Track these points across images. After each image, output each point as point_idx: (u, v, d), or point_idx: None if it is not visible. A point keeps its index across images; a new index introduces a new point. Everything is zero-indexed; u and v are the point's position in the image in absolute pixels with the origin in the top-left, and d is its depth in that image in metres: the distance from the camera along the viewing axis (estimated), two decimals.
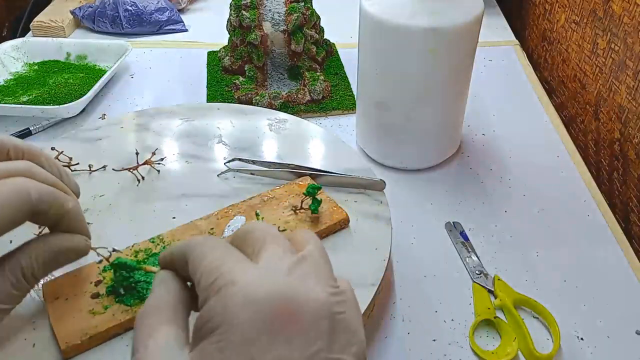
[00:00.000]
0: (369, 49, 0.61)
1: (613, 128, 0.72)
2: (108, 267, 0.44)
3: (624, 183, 0.69)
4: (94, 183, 0.54)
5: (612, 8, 0.72)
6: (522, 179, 0.67)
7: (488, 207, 0.63)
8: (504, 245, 0.58)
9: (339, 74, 0.85)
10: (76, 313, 0.40)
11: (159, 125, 0.62)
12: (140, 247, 0.46)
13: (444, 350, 0.48)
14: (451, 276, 0.55)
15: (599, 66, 0.76)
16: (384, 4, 0.58)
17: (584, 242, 0.59)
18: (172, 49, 0.95)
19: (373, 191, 0.54)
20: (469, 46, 0.61)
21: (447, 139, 0.68)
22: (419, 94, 0.61)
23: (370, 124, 0.67)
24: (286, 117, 0.63)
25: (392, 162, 0.68)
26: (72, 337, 0.39)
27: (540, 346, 0.48)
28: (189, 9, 1.08)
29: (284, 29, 0.79)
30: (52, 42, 0.89)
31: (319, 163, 0.57)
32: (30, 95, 0.79)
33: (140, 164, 0.56)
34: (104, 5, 0.97)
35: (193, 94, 0.83)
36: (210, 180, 0.55)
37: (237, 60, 0.84)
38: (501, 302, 0.51)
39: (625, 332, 0.51)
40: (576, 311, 0.52)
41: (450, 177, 0.68)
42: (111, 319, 0.40)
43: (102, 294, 0.42)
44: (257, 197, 0.51)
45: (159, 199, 0.53)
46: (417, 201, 0.64)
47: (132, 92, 0.83)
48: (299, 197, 0.50)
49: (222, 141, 0.60)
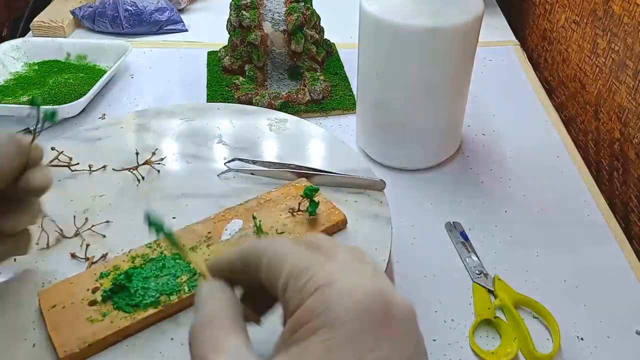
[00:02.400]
0: (369, 49, 0.61)
1: (613, 128, 0.72)
2: (105, 273, 0.43)
3: (624, 183, 0.69)
4: (94, 183, 0.54)
5: (612, 8, 0.72)
6: (522, 179, 0.67)
7: (488, 207, 0.63)
8: (504, 245, 0.58)
9: (339, 74, 0.85)
10: (74, 321, 0.40)
11: (159, 125, 0.62)
12: (137, 253, 0.45)
13: (444, 350, 0.48)
14: (451, 276, 0.55)
15: (599, 66, 0.76)
16: (384, 4, 0.58)
17: (584, 242, 0.59)
18: (172, 49, 0.95)
19: (373, 191, 0.54)
20: (469, 46, 0.61)
21: (447, 139, 0.68)
22: (419, 94, 0.61)
23: (370, 124, 0.67)
24: (286, 117, 0.63)
25: (392, 162, 0.68)
26: (70, 345, 0.38)
27: (540, 346, 0.48)
28: (189, 9, 1.08)
29: (284, 29, 0.79)
30: (52, 42, 0.89)
31: (319, 163, 0.57)
32: (30, 95, 0.79)
33: (140, 164, 0.56)
34: (104, 5, 0.97)
35: (193, 94, 0.83)
36: (210, 180, 0.55)
37: (237, 60, 0.84)
38: (501, 302, 0.51)
39: (625, 332, 0.51)
40: (576, 311, 0.52)
41: (450, 177, 0.68)
42: (110, 326, 0.40)
43: (100, 301, 0.41)
44: (254, 200, 0.51)
45: (159, 199, 0.53)
46: (417, 201, 0.64)
47: (132, 92, 0.83)
48: (295, 199, 0.50)
49: (222, 141, 0.60)
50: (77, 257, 0.47)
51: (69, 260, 0.47)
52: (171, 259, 0.44)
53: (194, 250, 0.46)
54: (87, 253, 0.47)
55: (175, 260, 0.44)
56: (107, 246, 0.48)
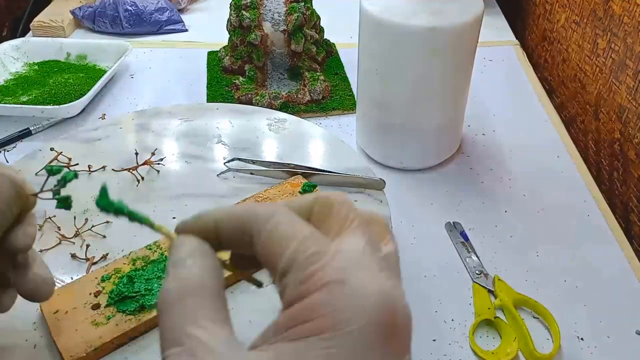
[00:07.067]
0: (369, 49, 0.61)
1: (613, 128, 0.72)
2: (107, 277, 0.43)
3: (624, 183, 0.69)
4: (93, 183, 0.54)
5: (612, 8, 0.72)
6: (522, 179, 0.67)
7: (488, 207, 0.63)
8: (504, 245, 0.58)
9: (339, 74, 0.85)
10: (78, 325, 0.40)
11: (159, 126, 0.62)
12: (138, 255, 0.45)
13: (444, 350, 0.48)
14: (451, 276, 0.55)
15: (599, 66, 0.76)
16: (384, 3, 0.58)
17: (584, 242, 0.59)
18: (172, 49, 0.95)
19: (373, 190, 0.54)
20: (469, 46, 0.61)
21: (447, 139, 0.68)
22: (419, 94, 0.61)
23: (370, 124, 0.67)
24: (286, 117, 0.63)
25: (392, 162, 0.68)
26: (76, 349, 0.38)
27: (540, 346, 0.48)
28: (189, 9, 1.08)
29: (284, 29, 0.79)
30: (52, 42, 0.89)
31: (319, 163, 0.57)
32: (30, 95, 0.79)
33: (139, 164, 0.56)
34: (104, 5, 0.97)
35: (193, 94, 0.83)
36: (210, 180, 0.55)
37: (237, 60, 0.84)
38: (501, 302, 0.51)
39: (625, 332, 0.50)
40: (576, 311, 0.52)
41: (450, 177, 0.68)
42: (115, 329, 0.40)
43: (103, 305, 0.41)
44: (251, 198, 0.51)
45: (159, 199, 0.53)
46: (417, 201, 0.64)
47: (132, 92, 0.83)
48: (292, 196, 0.50)
49: (221, 141, 0.60)
50: (78, 257, 0.47)
51: (70, 261, 0.47)
52: None
53: None
54: (87, 253, 0.47)
55: None
56: (107, 246, 0.48)
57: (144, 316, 0.40)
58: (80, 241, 0.48)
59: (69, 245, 0.48)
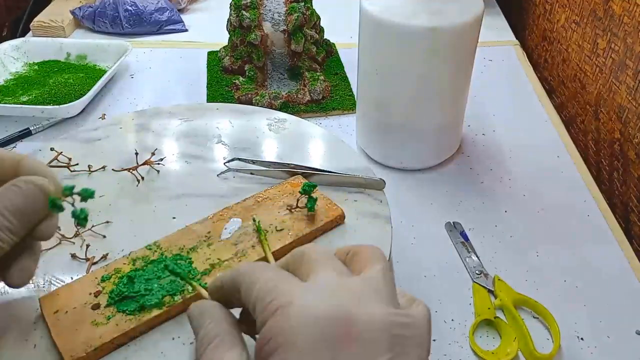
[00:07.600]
0: (369, 49, 0.61)
1: (613, 128, 0.72)
2: (107, 277, 0.43)
3: (624, 183, 0.69)
4: (93, 183, 0.54)
5: (612, 8, 0.72)
6: (522, 179, 0.67)
7: (488, 207, 0.63)
8: (504, 245, 0.58)
9: (339, 74, 0.85)
10: (78, 325, 0.40)
11: (159, 126, 0.62)
12: (138, 255, 0.45)
13: (444, 350, 0.48)
14: (451, 276, 0.55)
15: (599, 66, 0.76)
16: (384, 3, 0.58)
17: (584, 242, 0.59)
18: (172, 49, 0.95)
19: (373, 190, 0.54)
20: (469, 46, 0.61)
21: (447, 139, 0.68)
22: (419, 94, 0.61)
23: (370, 124, 0.67)
24: (286, 117, 0.63)
25: (392, 162, 0.68)
26: (76, 349, 0.38)
27: (540, 346, 0.48)
28: (189, 9, 1.08)
29: (284, 29, 0.79)
30: (52, 42, 0.89)
31: (319, 163, 0.57)
32: (30, 95, 0.79)
33: (139, 164, 0.56)
34: (104, 5, 0.97)
35: (193, 94, 0.83)
36: (210, 180, 0.55)
37: (237, 60, 0.84)
38: (501, 302, 0.51)
39: (625, 332, 0.51)
40: (576, 311, 0.52)
41: (450, 177, 0.68)
42: (115, 329, 0.40)
43: (103, 305, 0.41)
44: (251, 198, 0.51)
45: (159, 199, 0.53)
46: (417, 201, 0.64)
47: (132, 92, 0.83)
48: (292, 196, 0.50)
49: (221, 141, 0.60)
50: (78, 257, 0.47)
51: (70, 261, 0.47)
52: (172, 260, 0.44)
53: (194, 250, 0.46)
54: (87, 253, 0.47)
55: (177, 261, 0.44)
56: (107, 246, 0.48)
57: (144, 316, 0.40)
58: (80, 241, 0.48)
59: (69, 245, 0.48)
